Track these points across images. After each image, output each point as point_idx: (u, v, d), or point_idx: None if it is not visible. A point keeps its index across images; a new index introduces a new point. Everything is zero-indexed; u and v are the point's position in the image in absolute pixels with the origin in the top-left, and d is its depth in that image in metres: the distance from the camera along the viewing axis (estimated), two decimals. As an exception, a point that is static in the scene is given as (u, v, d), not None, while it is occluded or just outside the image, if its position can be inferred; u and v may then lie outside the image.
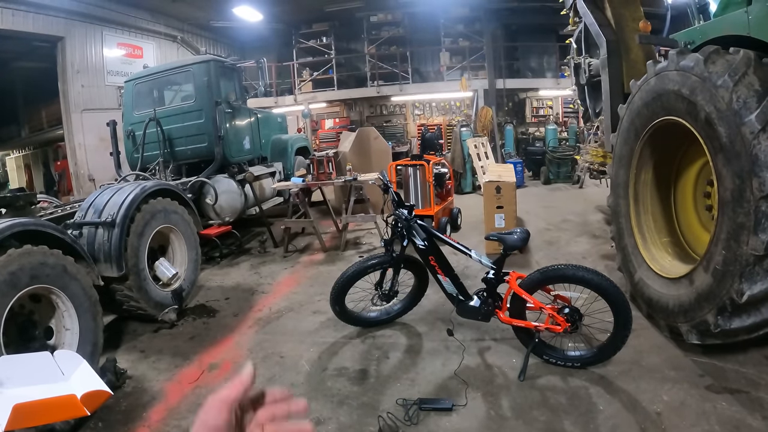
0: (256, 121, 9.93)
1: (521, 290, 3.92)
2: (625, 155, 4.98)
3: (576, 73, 7.44)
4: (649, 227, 4.90)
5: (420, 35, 19.89)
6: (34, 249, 3.93)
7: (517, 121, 19.70)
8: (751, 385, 3.46)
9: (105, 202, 5.31)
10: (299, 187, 8.33)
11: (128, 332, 5.45)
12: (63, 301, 4.13)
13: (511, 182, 7.29)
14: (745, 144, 3.27)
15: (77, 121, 13.48)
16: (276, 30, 19.70)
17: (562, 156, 14.09)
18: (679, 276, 4.11)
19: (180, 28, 17.28)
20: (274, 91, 19.54)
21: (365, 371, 4.22)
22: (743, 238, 3.32)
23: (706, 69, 3.61)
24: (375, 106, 21.10)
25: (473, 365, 4.15)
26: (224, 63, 8.88)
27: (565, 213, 9.77)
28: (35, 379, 1.90)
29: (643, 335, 4.33)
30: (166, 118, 8.39)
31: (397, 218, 4.63)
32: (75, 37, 13.48)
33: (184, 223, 6.19)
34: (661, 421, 3.19)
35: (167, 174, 8.19)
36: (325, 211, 9.74)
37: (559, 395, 3.61)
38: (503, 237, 4.08)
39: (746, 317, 3.44)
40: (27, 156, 20.22)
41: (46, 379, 1.88)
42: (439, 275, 4.43)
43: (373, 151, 11.32)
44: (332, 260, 7.70)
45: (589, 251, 7.05)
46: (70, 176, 14.17)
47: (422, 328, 4.97)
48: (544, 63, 20.17)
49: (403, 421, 3.42)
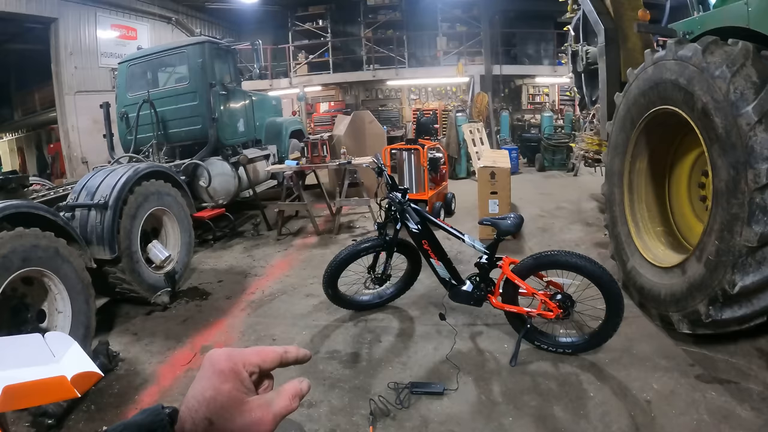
0: (251, 103, 9.85)
1: (514, 276, 3.93)
2: (621, 144, 4.98)
3: (573, 61, 7.41)
4: (643, 216, 4.91)
5: (417, 19, 19.80)
6: (26, 231, 3.90)
7: (513, 107, 19.66)
8: (741, 375, 3.49)
9: (98, 184, 5.28)
10: (293, 170, 8.30)
11: (121, 315, 5.44)
12: (55, 283, 4.12)
13: (506, 168, 7.28)
14: (741, 135, 3.27)
15: (70, 104, 13.40)
16: (272, 12, 19.57)
17: (558, 143, 14.07)
18: (671, 265, 4.13)
19: (175, 10, 17.13)
20: (269, 74, 19.41)
21: (357, 354, 4.24)
22: (737, 229, 3.33)
23: (704, 59, 3.60)
24: (371, 90, 20.99)
25: (465, 350, 4.17)
26: (219, 45, 8.79)
27: (559, 200, 9.78)
28: (26, 360, 1.88)
29: (634, 323, 4.36)
30: (159, 100, 8.31)
31: (390, 202, 4.62)
32: (68, 19, 13.35)
33: (178, 205, 6.16)
34: (650, 409, 3.22)
35: (161, 156, 8.13)
36: (319, 194, 9.72)
37: (549, 381, 3.63)
38: (497, 222, 4.08)
39: (738, 308, 3.46)
40: (20, 139, 20.06)
41: (36, 361, 1.87)
42: (432, 259, 4.44)
43: (367, 134, 11.27)
44: (325, 243, 7.69)
45: (582, 239, 7.07)
46: (63, 159, 14.10)
47: (415, 312, 4.99)
48: (541, 50, 20.07)
49: (394, 404, 3.44)
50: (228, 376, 0.68)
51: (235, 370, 0.69)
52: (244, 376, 0.69)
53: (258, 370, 0.72)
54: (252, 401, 0.68)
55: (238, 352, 0.71)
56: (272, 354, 0.74)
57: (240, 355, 0.71)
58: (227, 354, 0.70)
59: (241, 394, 0.68)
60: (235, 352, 0.71)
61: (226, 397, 0.67)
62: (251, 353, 0.72)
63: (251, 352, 0.72)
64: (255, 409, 0.68)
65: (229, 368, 0.69)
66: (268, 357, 0.74)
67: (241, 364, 0.70)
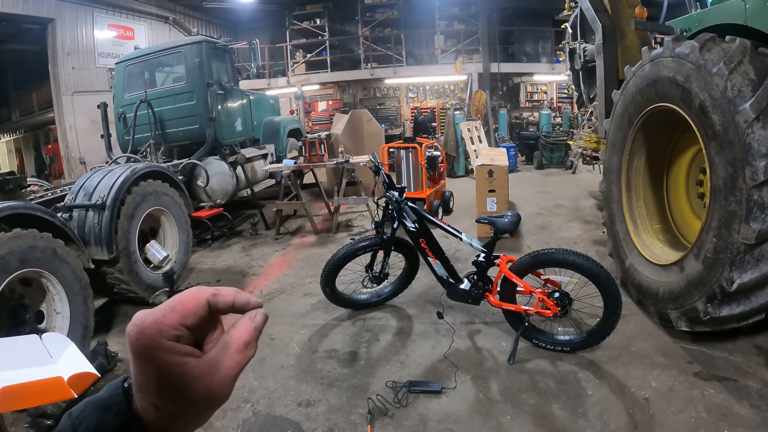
0: (248, 102, 9.84)
1: (511, 274, 3.93)
2: (619, 141, 4.98)
3: (571, 59, 7.40)
4: (641, 213, 4.91)
5: (415, 18, 19.75)
6: (24, 232, 3.90)
7: (511, 105, 19.65)
8: (740, 373, 3.49)
9: (95, 184, 5.27)
10: (291, 169, 8.29)
11: (119, 315, 5.44)
12: (53, 284, 4.11)
13: (504, 166, 7.28)
14: (739, 132, 3.27)
15: (68, 104, 13.36)
16: (269, 11, 19.53)
17: (556, 141, 14.07)
18: (669, 263, 4.12)
19: (172, 9, 17.08)
20: (266, 73, 19.38)
21: (355, 353, 4.24)
22: (735, 226, 3.33)
23: (701, 56, 3.60)
24: (368, 88, 20.96)
25: (463, 348, 4.17)
26: (216, 44, 8.78)
27: (557, 198, 9.78)
28: (22, 362, 1.88)
29: (632, 321, 4.36)
30: (157, 100, 8.30)
31: (387, 200, 4.62)
32: (65, 19, 13.30)
33: (175, 205, 6.16)
34: (649, 406, 3.22)
35: (158, 156, 8.13)
36: (317, 193, 9.71)
37: (548, 379, 3.63)
38: (494, 220, 4.08)
39: (736, 305, 3.46)
40: (18, 140, 19.98)
41: (33, 362, 1.87)
42: (429, 258, 4.43)
43: (365, 133, 11.26)
44: (324, 242, 7.69)
45: (580, 236, 7.07)
46: (61, 159, 14.06)
47: (413, 310, 4.99)
48: (539, 48, 20.06)
49: (392, 403, 3.45)
50: (146, 354, 0.56)
51: (152, 345, 0.56)
52: (166, 346, 0.56)
53: (184, 330, 0.58)
54: (191, 370, 0.57)
55: (151, 320, 0.57)
56: (195, 303, 0.60)
57: (153, 322, 0.57)
58: (139, 328, 0.57)
59: (172, 367, 0.56)
60: (148, 320, 0.57)
61: (156, 378, 0.56)
62: (167, 313, 0.58)
63: (166, 310, 0.58)
64: (196, 379, 0.57)
65: (144, 345, 0.56)
66: (189, 309, 0.59)
67: (156, 333, 0.56)
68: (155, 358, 0.56)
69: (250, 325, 0.61)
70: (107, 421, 0.57)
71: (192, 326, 0.59)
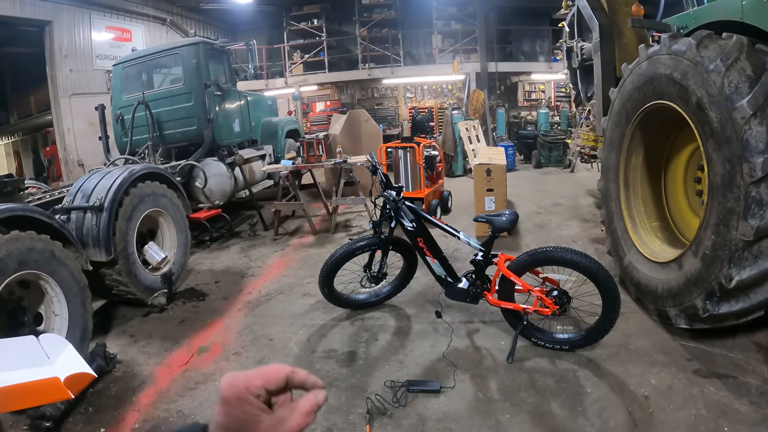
0: (246, 103, 9.84)
1: (510, 272, 3.92)
2: (616, 139, 4.98)
3: (568, 57, 7.40)
4: (639, 211, 4.91)
5: (412, 18, 19.79)
6: (22, 235, 3.89)
7: (509, 104, 19.69)
8: (739, 370, 3.49)
9: (93, 186, 5.27)
10: (289, 170, 8.29)
11: (118, 317, 5.43)
12: (52, 286, 4.11)
13: (502, 165, 7.28)
14: (736, 129, 3.27)
15: (66, 106, 13.37)
16: (266, 12, 19.54)
17: (554, 140, 14.07)
18: (668, 260, 4.12)
19: (169, 11, 17.10)
20: (264, 74, 19.41)
21: (354, 353, 4.23)
22: (733, 223, 3.33)
23: (698, 53, 3.60)
24: (366, 88, 20.98)
25: (462, 347, 4.17)
26: (213, 45, 8.78)
27: (555, 197, 9.78)
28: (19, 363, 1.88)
29: (631, 319, 4.36)
30: (154, 102, 8.30)
31: (385, 200, 4.62)
32: (63, 21, 13.31)
33: (174, 206, 6.15)
34: (648, 404, 3.22)
35: (156, 158, 8.12)
36: (315, 193, 9.72)
37: (547, 378, 3.63)
38: (491, 219, 4.08)
39: (735, 302, 3.46)
40: (16, 142, 20.01)
41: (30, 363, 1.87)
42: (427, 257, 4.43)
43: (363, 133, 11.27)
44: (322, 243, 7.68)
45: (579, 235, 7.07)
46: (59, 162, 14.05)
47: (411, 310, 4.98)
48: (536, 47, 20.11)
49: (391, 402, 3.44)
50: (233, 402, 0.73)
51: (239, 396, 0.73)
52: (249, 400, 0.73)
53: (264, 392, 0.76)
54: (264, 422, 0.73)
55: (242, 377, 0.75)
56: (277, 375, 0.78)
57: (243, 379, 0.75)
58: (230, 381, 0.75)
59: (251, 416, 0.73)
60: (239, 376, 0.75)
61: (237, 421, 0.72)
62: (255, 376, 0.76)
63: (255, 375, 0.76)
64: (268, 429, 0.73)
65: (232, 395, 0.73)
66: (273, 378, 0.77)
67: (245, 389, 0.74)
68: (239, 406, 0.73)
69: (314, 400, 0.79)
70: None
71: (271, 391, 0.77)
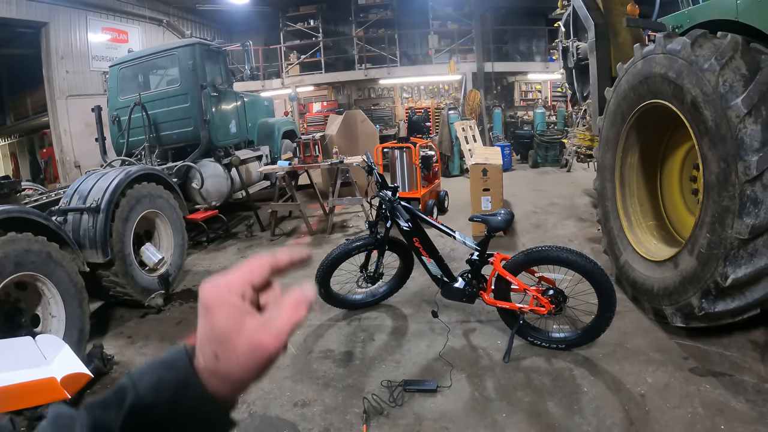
0: (243, 104, 9.83)
1: (505, 272, 3.93)
2: (612, 138, 4.99)
3: (564, 57, 7.42)
4: (635, 210, 4.93)
5: (408, 18, 19.79)
6: (19, 236, 3.89)
7: (506, 104, 19.68)
8: (735, 368, 3.50)
9: (89, 187, 5.26)
10: (286, 171, 8.29)
11: (115, 318, 5.43)
12: (49, 288, 4.11)
13: (498, 165, 7.28)
14: (731, 128, 3.28)
15: (62, 108, 13.33)
16: (263, 13, 19.53)
17: (550, 140, 14.08)
18: (664, 259, 4.13)
19: (166, 12, 17.08)
20: (260, 75, 19.38)
21: (351, 353, 4.24)
22: (728, 221, 3.34)
23: (693, 52, 3.61)
24: (363, 89, 20.98)
25: (458, 347, 4.18)
26: (210, 46, 8.76)
27: (552, 196, 9.79)
28: (17, 363, 1.88)
29: (627, 317, 4.37)
30: (151, 103, 8.28)
31: (381, 200, 4.62)
32: (59, 23, 13.27)
33: (170, 207, 6.15)
34: (645, 402, 3.23)
35: (153, 159, 8.11)
36: (312, 194, 9.71)
37: (543, 377, 3.63)
38: (487, 218, 4.08)
39: (730, 301, 3.47)
40: (13, 144, 19.94)
41: (27, 364, 1.87)
42: (423, 257, 4.43)
43: (360, 134, 11.26)
44: (319, 243, 7.68)
45: (575, 234, 7.08)
46: (56, 163, 14.02)
47: (408, 310, 4.99)
48: (533, 47, 20.14)
49: (388, 402, 3.44)
50: (216, 307, 0.66)
51: (221, 298, 0.66)
52: (233, 301, 0.66)
53: (250, 288, 0.69)
54: (250, 324, 0.65)
55: (222, 279, 0.68)
56: (259, 266, 0.71)
57: (224, 280, 0.68)
58: (212, 285, 0.68)
59: (235, 321, 0.65)
60: (220, 279, 0.68)
61: (221, 328, 0.65)
62: (237, 274, 0.69)
63: (237, 273, 0.69)
64: (254, 332, 0.65)
65: (214, 298, 0.66)
66: (255, 271, 0.70)
67: (226, 291, 0.67)
68: (221, 309, 0.65)
69: (300, 293, 0.69)
70: (169, 376, 0.64)
71: (256, 286, 0.70)
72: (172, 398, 0.63)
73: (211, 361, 0.65)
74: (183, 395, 0.63)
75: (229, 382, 0.65)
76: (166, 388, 0.63)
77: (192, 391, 0.64)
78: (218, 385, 0.65)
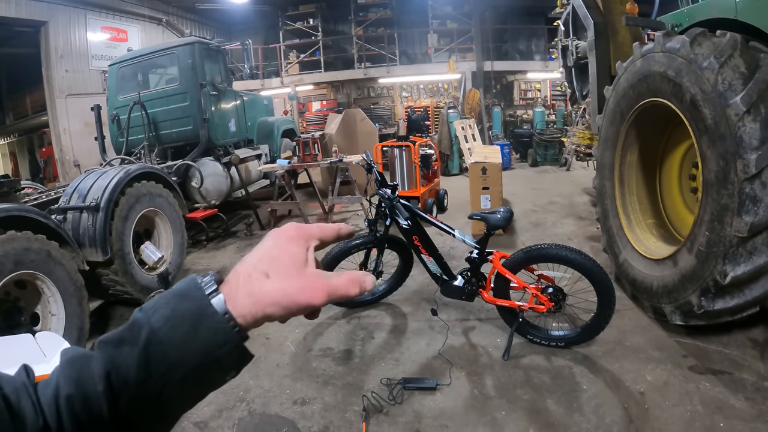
0: (242, 103, 9.82)
1: (505, 270, 3.93)
2: (611, 137, 4.99)
3: (563, 56, 7.42)
4: (634, 208, 4.93)
5: (408, 17, 19.79)
6: (18, 235, 3.90)
7: (505, 103, 19.68)
8: (734, 366, 3.50)
9: (89, 186, 5.26)
10: (285, 169, 8.29)
11: (115, 317, 5.44)
12: (48, 286, 4.11)
13: (497, 163, 7.28)
14: (730, 126, 3.28)
15: (62, 107, 13.33)
16: (262, 12, 19.53)
17: (550, 138, 14.09)
18: (663, 257, 4.14)
19: (165, 11, 17.08)
20: (260, 74, 19.38)
21: (350, 351, 4.24)
22: (727, 219, 3.35)
23: (692, 51, 3.61)
24: (362, 88, 21.00)
25: (457, 345, 4.18)
26: (209, 45, 8.75)
27: (551, 195, 9.80)
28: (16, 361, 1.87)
29: (627, 316, 4.37)
30: (150, 102, 8.27)
31: (380, 198, 4.62)
32: (58, 22, 13.28)
33: (170, 206, 6.15)
34: (644, 400, 3.23)
35: (152, 158, 8.11)
36: (312, 193, 9.71)
37: (542, 375, 3.64)
38: (486, 216, 4.08)
39: (729, 298, 3.47)
40: (12, 143, 19.92)
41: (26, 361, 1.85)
42: (423, 255, 4.43)
43: (359, 132, 11.25)
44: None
45: (575, 232, 7.08)
46: (55, 162, 14.01)
47: (407, 308, 5.00)
48: (532, 45, 20.14)
49: (387, 400, 3.45)
50: (296, 241, 0.73)
51: (303, 237, 0.74)
52: (309, 245, 0.74)
53: (319, 242, 0.77)
54: (311, 268, 0.72)
55: (304, 226, 0.77)
56: (330, 230, 0.80)
57: (308, 228, 0.76)
58: (296, 225, 0.76)
59: (302, 260, 0.71)
60: (302, 225, 0.77)
61: (290, 257, 0.71)
62: (314, 228, 0.78)
63: (314, 227, 0.78)
64: (312, 276, 0.70)
65: (298, 235, 0.74)
66: (327, 232, 0.79)
67: (308, 235, 0.75)
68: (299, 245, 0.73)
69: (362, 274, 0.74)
70: (183, 306, 0.65)
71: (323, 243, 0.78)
72: (188, 329, 0.64)
73: (257, 280, 0.68)
74: (199, 324, 0.64)
75: (260, 305, 0.66)
76: (181, 319, 0.64)
77: (208, 321, 0.65)
78: (246, 306, 0.66)
